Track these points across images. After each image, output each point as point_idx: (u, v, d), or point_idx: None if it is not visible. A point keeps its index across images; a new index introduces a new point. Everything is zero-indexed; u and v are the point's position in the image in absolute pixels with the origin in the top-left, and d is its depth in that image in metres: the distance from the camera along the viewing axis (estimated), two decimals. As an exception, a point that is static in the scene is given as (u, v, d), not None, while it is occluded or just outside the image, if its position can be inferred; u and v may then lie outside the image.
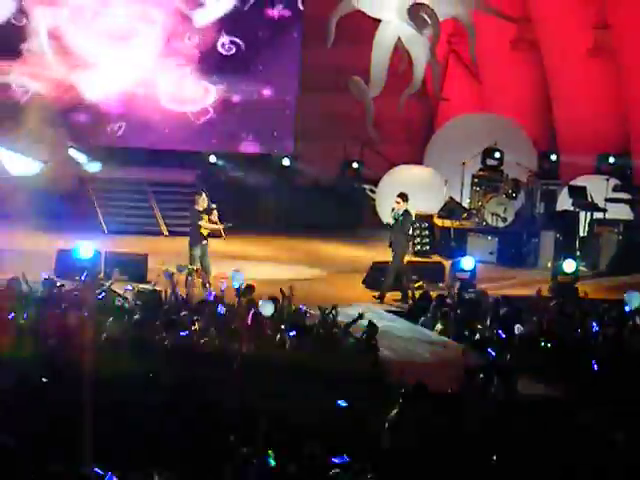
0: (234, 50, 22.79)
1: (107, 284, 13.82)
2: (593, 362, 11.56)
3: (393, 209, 16.41)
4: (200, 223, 15.85)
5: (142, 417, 9.20)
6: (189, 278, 14.51)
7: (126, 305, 12.87)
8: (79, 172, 21.15)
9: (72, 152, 21.40)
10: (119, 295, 13.67)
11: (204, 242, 15.86)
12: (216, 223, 16.00)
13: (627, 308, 13.81)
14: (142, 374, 10.43)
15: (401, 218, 16.22)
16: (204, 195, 16.11)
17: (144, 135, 22.52)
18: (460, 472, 8.62)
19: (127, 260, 16.82)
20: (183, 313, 12.34)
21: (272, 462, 8.12)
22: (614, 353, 12.04)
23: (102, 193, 21.32)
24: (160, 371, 10.64)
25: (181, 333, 11.48)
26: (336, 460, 8.36)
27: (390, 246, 16.41)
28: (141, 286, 14.25)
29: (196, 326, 12.00)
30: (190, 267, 14.47)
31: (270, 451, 8.18)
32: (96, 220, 20.60)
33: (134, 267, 16.55)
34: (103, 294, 13.24)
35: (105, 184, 21.48)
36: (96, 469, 7.60)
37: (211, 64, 22.66)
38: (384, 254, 18.27)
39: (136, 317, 12.11)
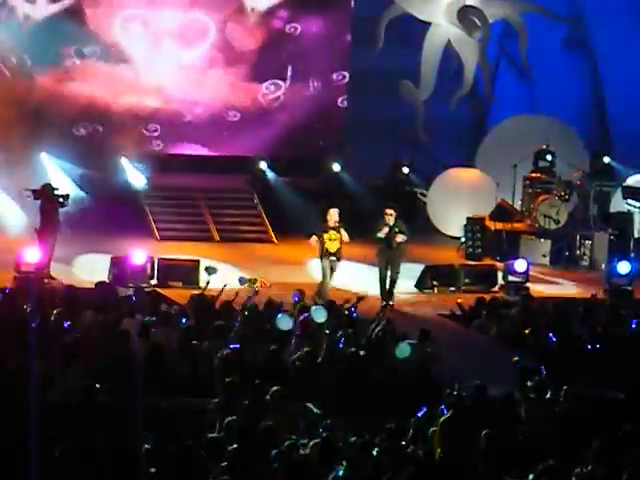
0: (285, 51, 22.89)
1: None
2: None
3: (384, 222, 15.53)
4: (323, 236, 15.41)
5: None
6: (253, 290, 14.32)
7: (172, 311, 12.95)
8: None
9: (123, 162, 21.61)
10: (168, 300, 13.78)
11: (331, 258, 15.44)
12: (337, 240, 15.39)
13: None
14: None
15: (396, 230, 15.52)
16: (331, 211, 15.64)
17: (191, 141, 22.70)
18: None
19: (179, 266, 16.95)
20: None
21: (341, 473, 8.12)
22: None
23: (154, 200, 21.50)
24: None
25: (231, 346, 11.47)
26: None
27: (387, 257, 15.50)
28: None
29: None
30: (251, 280, 14.33)
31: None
32: (149, 227, 20.78)
33: (186, 273, 16.67)
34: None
35: (157, 191, 21.66)
36: None
37: (258, 66, 22.78)
38: (435, 257, 18.23)
39: (186, 323, 12.19)
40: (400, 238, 15.49)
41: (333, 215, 15.59)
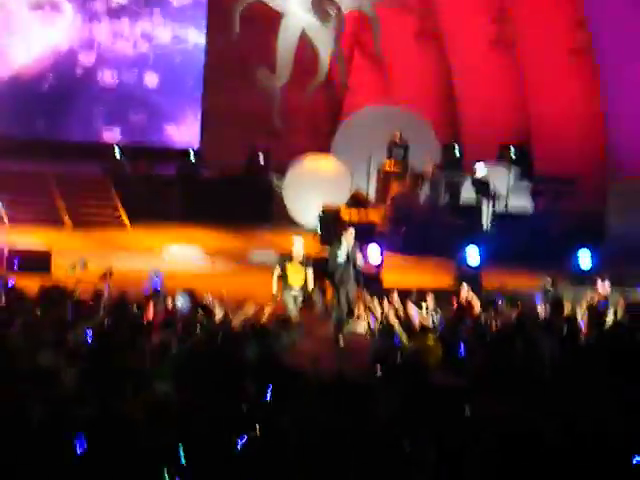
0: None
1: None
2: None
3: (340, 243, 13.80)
4: (286, 268, 13.66)
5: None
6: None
7: None
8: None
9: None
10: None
11: (294, 293, 13.62)
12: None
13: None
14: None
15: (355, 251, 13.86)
16: (295, 239, 13.88)
17: (41, 124, 22.28)
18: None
19: (30, 257, 16.55)
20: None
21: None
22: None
23: (2, 185, 20.90)
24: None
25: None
26: None
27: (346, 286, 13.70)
28: None
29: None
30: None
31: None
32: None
33: (37, 264, 16.29)
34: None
35: (6, 176, 21.08)
36: None
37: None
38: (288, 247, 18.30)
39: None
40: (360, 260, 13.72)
41: (297, 245, 13.77)
